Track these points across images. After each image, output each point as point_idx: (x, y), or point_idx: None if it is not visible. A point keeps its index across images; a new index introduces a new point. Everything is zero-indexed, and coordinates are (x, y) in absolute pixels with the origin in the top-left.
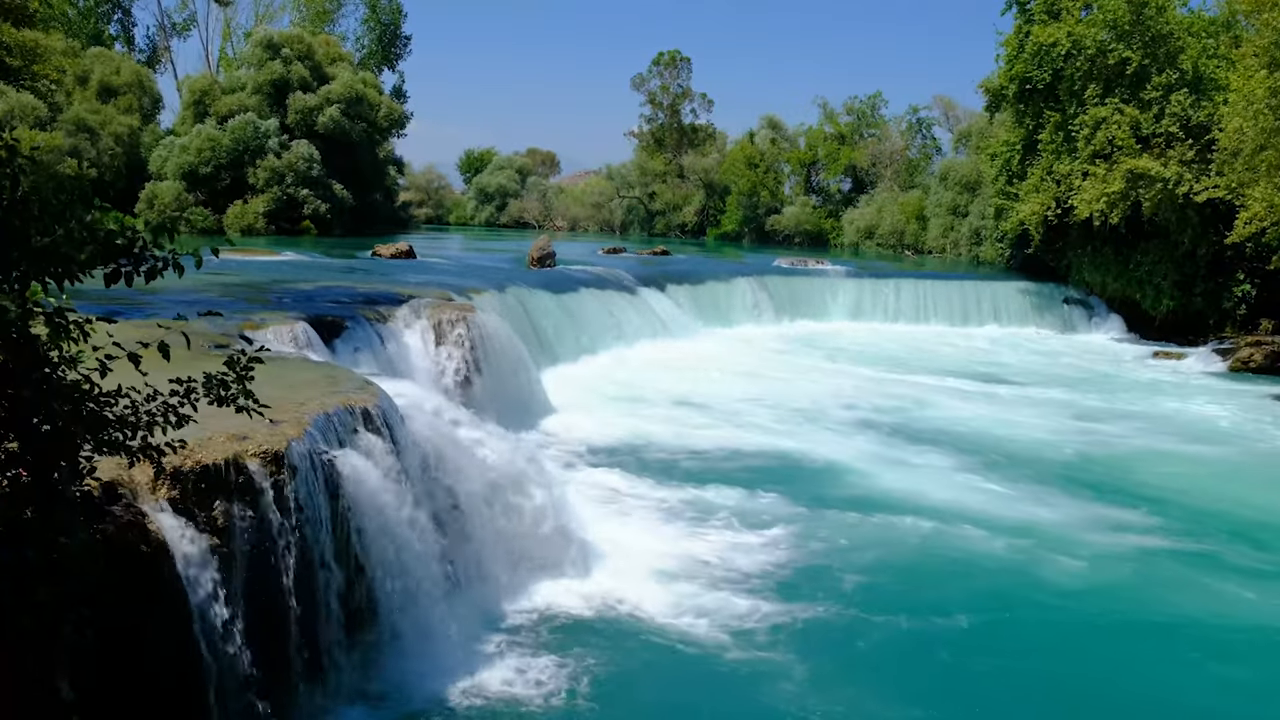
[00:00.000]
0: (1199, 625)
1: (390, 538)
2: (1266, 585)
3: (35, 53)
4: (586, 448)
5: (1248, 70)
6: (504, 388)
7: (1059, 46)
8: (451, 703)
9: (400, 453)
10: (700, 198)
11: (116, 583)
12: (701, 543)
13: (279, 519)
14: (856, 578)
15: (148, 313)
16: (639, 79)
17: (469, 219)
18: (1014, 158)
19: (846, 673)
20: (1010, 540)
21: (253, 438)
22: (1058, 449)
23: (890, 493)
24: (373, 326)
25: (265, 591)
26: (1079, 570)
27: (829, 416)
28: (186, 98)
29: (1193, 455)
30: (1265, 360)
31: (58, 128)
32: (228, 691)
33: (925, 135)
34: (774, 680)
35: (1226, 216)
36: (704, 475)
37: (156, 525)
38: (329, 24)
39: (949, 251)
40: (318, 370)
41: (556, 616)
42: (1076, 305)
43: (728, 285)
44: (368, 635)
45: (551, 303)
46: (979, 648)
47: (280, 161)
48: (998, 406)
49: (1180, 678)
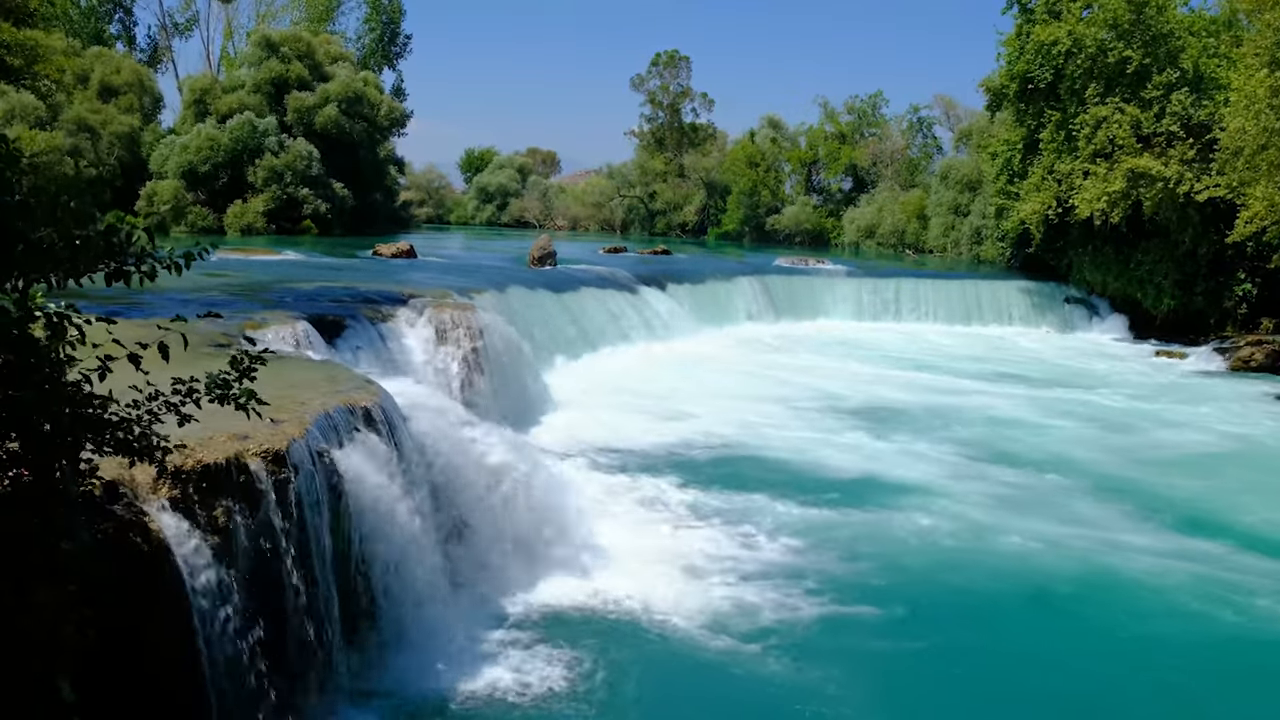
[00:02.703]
0: (1202, 625)
1: (391, 536)
2: (1267, 584)
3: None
4: (587, 446)
5: (1249, 69)
6: (505, 387)
7: (1060, 45)
8: (452, 702)
9: (401, 452)
10: (701, 197)
11: (117, 582)
12: (702, 541)
13: (280, 518)
14: (857, 576)
15: (148, 312)
16: (639, 79)
17: (470, 218)
18: (1015, 157)
19: (847, 672)
20: (1011, 540)
21: (254, 437)
22: (1058, 448)
23: (891, 491)
24: (374, 326)
25: (266, 591)
26: (1079, 568)
27: (829, 415)
28: (187, 97)
29: (1193, 455)
30: (1266, 359)
31: (58, 127)
32: (228, 691)
33: (926, 134)
34: (774, 679)
35: (1227, 216)
36: (705, 474)
37: (158, 525)
38: (330, 23)
39: (950, 251)
40: (319, 369)
41: (557, 615)
42: (1077, 304)
43: (728, 284)
44: (369, 634)
45: (552, 302)
46: (982, 647)
47: (279, 160)
48: (999, 406)
49: (1180, 678)
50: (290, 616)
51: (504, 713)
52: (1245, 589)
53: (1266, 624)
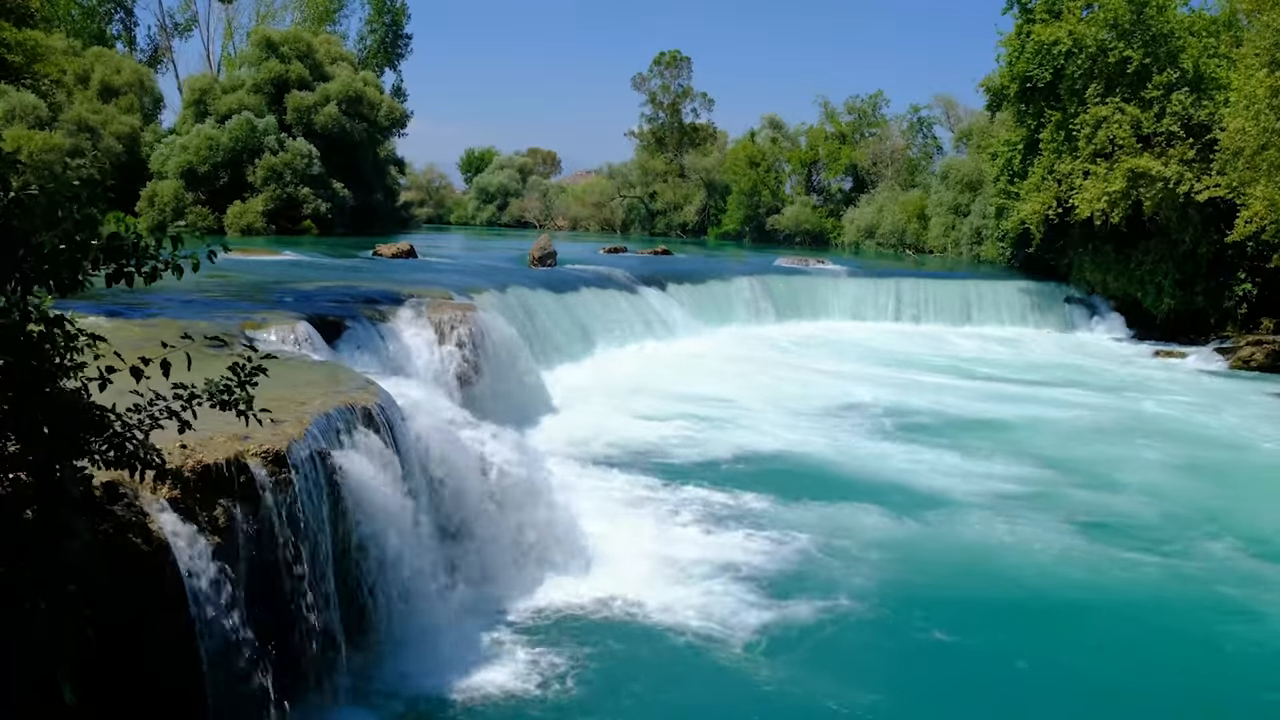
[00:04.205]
0: (1198, 624)
1: (391, 537)
2: (1266, 583)
3: (36, 52)
4: (587, 447)
5: (1249, 70)
6: (505, 387)
7: (1060, 45)
8: (452, 702)
9: (401, 452)
10: (701, 197)
11: (117, 583)
12: (703, 541)
13: (280, 519)
14: (858, 576)
15: (149, 312)
16: (639, 79)
17: (470, 218)
18: (1015, 157)
19: (847, 672)
20: (1012, 540)
21: (254, 437)
22: (1058, 448)
23: (892, 491)
24: (374, 326)
25: (266, 591)
26: (1077, 568)
27: (830, 415)
28: (187, 97)
29: (1193, 454)
30: (1266, 359)
31: (59, 127)
32: (228, 691)
33: (926, 134)
34: (774, 679)
35: (1227, 215)
36: (705, 474)
37: (158, 525)
38: (331, 24)
39: (950, 251)
40: (319, 369)
41: (557, 615)
42: (1078, 304)
43: (729, 284)
44: (368, 634)
45: (553, 302)
46: (985, 647)
47: (279, 160)
48: (999, 405)
49: (1182, 679)
50: (290, 617)
51: (504, 713)
52: (1242, 576)
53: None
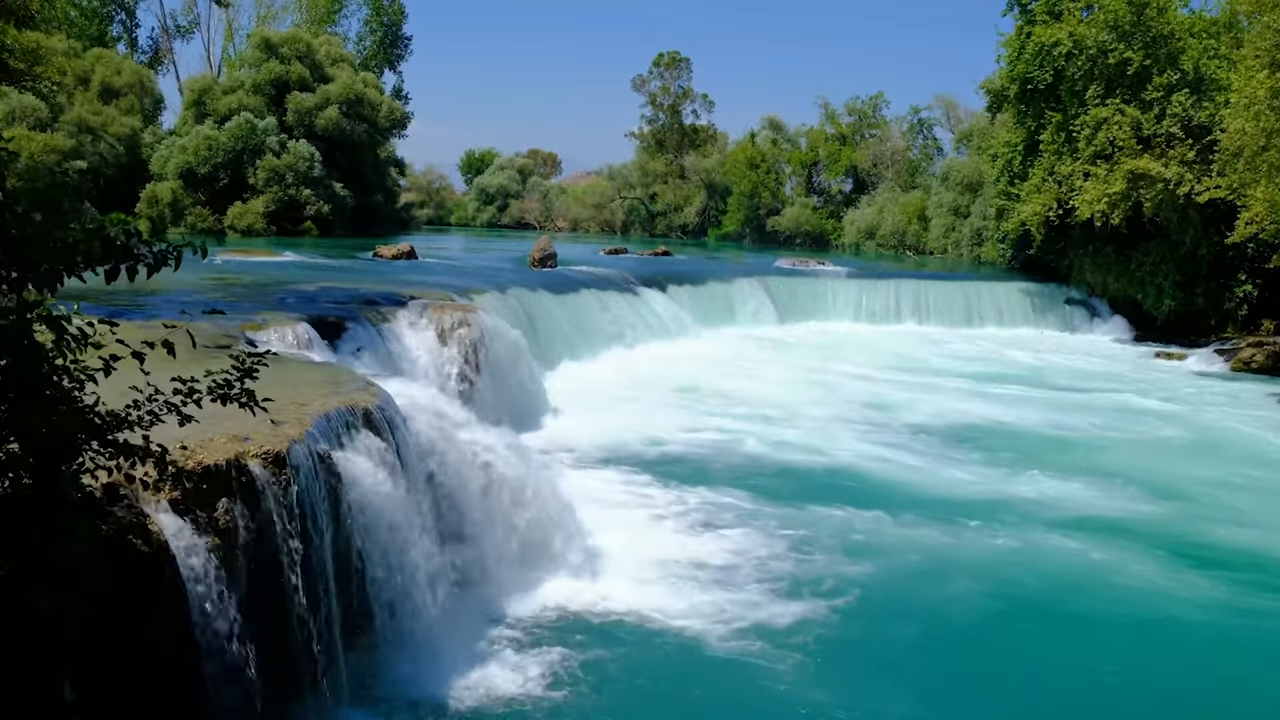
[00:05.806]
0: (1198, 625)
1: (391, 538)
2: (1264, 583)
3: (37, 54)
4: (588, 448)
5: (1249, 71)
6: (505, 388)
7: (1060, 47)
8: (452, 703)
9: (401, 453)
10: (701, 198)
11: (118, 583)
12: (703, 542)
13: (280, 519)
14: (858, 576)
15: (149, 313)
16: (639, 80)
17: (470, 220)
18: (1015, 158)
19: (847, 671)
20: (1013, 540)
21: (254, 438)
22: (1058, 449)
23: (892, 491)
24: (374, 327)
25: (266, 592)
26: (1075, 567)
27: (830, 416)
28: (187, 98)
29: (1193, 454)
30: (1267, 360)
31: (59, 129)
32: (228, 692)
33: (926, 135)
34: (774, 679)
35: (1228, 216)
36: (705, 475)
37: (158, 526)
38: (331, 25)
39: (950, 252)
40: (319, 370)
41: (557, 616)
42: (1078, 306)
43: (729, 286)
44: (368, 635)
45: (553, 303)
46: (984, 646)
47: (279, 161)
48: (1000, 405)
49: (1182, 679)
50: (290, 618)
51: (504, 713)
52: (1243, 575)
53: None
